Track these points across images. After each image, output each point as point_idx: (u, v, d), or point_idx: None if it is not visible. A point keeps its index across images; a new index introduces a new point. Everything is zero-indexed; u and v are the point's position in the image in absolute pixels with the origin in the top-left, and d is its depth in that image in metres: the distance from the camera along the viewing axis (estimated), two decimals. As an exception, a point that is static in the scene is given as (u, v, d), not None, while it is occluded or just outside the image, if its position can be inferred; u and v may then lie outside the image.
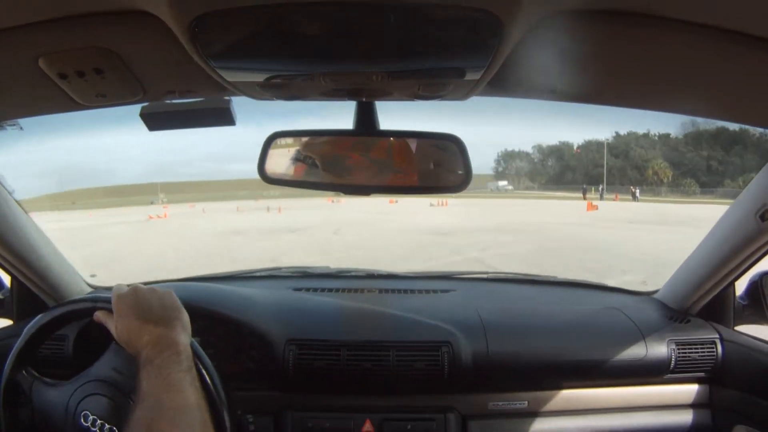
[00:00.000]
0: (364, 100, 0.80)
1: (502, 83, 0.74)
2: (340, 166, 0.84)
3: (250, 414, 1.06)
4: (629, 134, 55.07)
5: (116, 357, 0.99)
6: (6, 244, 1.25)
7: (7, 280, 1.44)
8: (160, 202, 48.86)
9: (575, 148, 60.00)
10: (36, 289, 1.39)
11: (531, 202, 30.05)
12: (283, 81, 0.72)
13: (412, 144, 0.83)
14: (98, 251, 10.69)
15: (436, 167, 0.85)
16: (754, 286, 1.36)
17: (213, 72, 0.68)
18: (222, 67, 0.67)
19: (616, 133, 54.93)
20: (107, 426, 0.91)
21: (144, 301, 0.83)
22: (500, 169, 67.40)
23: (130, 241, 13.13)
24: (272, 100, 0.79)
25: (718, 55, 0.64)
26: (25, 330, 0.96)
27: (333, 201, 28.78)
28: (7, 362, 0.96)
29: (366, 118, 0.81)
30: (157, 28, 0.59)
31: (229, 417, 0.91)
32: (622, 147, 54.15)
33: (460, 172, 0.81)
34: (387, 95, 0.77)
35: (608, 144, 54.09)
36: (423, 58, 0.66)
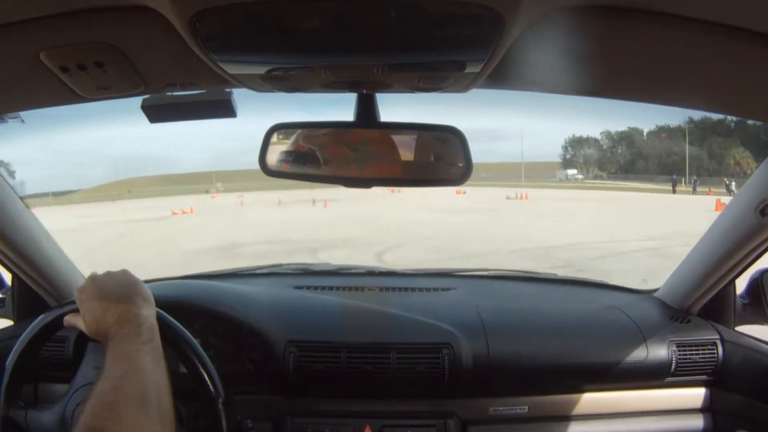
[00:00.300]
0: (364, 92, 0.80)
1: (503, 76, 0.75)
2: (341, 158, 0.85)
3: (249, 420, 1.06)
4: (704, 120, 48.58)
5: (94, 354, 0.99)
6: (8, 241, 1.25)
7: (8, 278, 1.44)
8: (215, 191, 49.40)
9: (660, 133, 55.29)
10: (37, 288, 1.39)
11: (612, 196, 25.09)
12: (284, 73, 0.72)
13: (413, 136, 0.83)
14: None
15: (436, 159, 0.85)
16: (755, 284, 1.35)
17: (214, 65, 0.68)
18: (223, 60, 0.67)
19: (690, 118, 49.02)
20: None
21: (102, 285, 0.83)
22: (568, 156, 64.16)
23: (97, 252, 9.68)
24: (273, 92, 0.79)
25: (718, 50, 0.64)
26: (7, 365, 0.96)
27: (394, 192, 23.56)
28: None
29: (366, 110, 0.81)
30: (157, 22, 0.60)
31: (225, 411, 0.91)
32: (697, 134, 49.77)
33: (460, 164, 0.81)
34: (387, 87, 0.77)
35: (683, 130, 49.23)
36: (423, 52, 0.66)
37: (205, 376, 0.92)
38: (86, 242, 10.99)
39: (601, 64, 0.73)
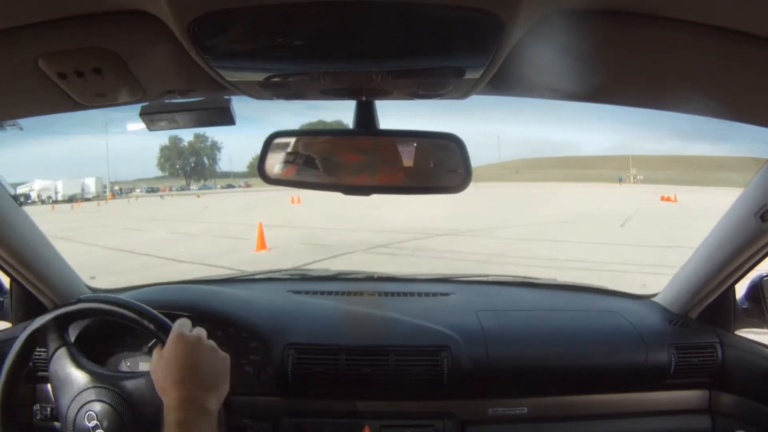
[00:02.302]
0: (363, 99, 0.80)
1: (503, 82, 0.75)
2: (340, 165, 0.84)
3: (248, 419, 1.06)
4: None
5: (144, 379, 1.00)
6: (6, 245, 1.24)
7: (6, 282, 1.44)
8: (631, 180, 42.12)
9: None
10: (35, 292, 1.38)
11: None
12: (283, 80, 0.72)
13: (412, 144, 0.83)
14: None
15: (436, 167, 0.85)
16: (755, 289, 1.35)
17: (213, 71, 0.68)
18: (222, 66, 0.67)
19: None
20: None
21: (199, 358, 0.85)
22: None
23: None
24: (271, 99, 0.79)
25: (720, 55, 0.64)
26: (4, 367, 0.99)
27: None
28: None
29: (366, 117, 0.81)
30: (156, 28, 0.59)
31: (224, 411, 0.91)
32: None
33: (460, 171, 0.81)
34: (387, 94, 0.77)
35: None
36: (423, 58, 0.66)
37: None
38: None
39: (601, 69, 0.72)
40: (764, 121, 0.78)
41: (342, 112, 0.88)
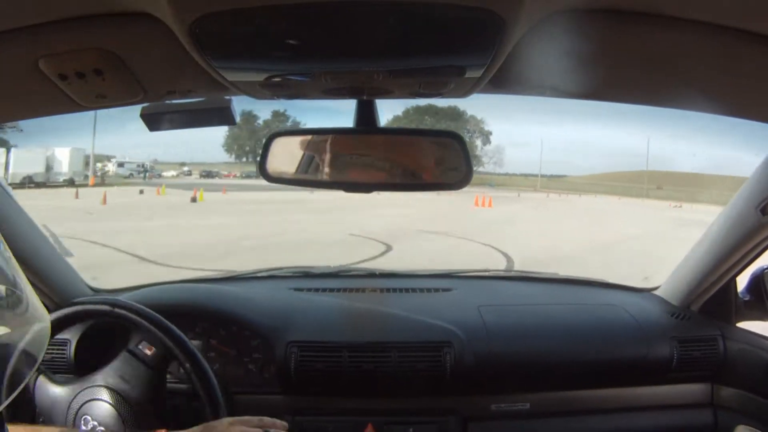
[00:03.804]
0: (364, 98, 0.80)
1: (504, 81, 0.75)
2: (341, 164, 0.85)
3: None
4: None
5: (126, 365, 1.00)
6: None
7: None
8: None
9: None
10: (37, 292, 1.38)
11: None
12: (284, 80, 0.72)
13: (413, 141, 0.83)
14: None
15: (437, 164, 0.85)
16: (756, 282, 1.36)
17: (214, 72, 0.68)
18: (223, 67, 0.67)
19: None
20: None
21: None
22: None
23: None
24: (272, 99, 0.79)
25: (721, 53, 0.64)
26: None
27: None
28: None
29: (367, 116, 0.81)
30: (157, 29, 0.59)
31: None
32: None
33: (461, 168, 0.81)
34: (388, 93, 0.77)
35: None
36: (424, 57, 0.66)
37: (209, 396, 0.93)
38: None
39: (603, 67, 0.72)
40: (764, 118, 0.78)
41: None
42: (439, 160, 0.85)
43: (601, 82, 0.77)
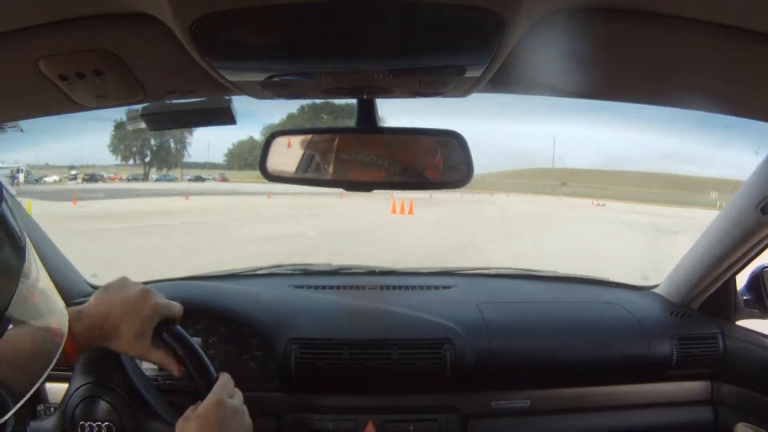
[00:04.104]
0: (365, 98, 0.80)
1: (504, 80, 0.75)
2: (342, 163, 0.85)
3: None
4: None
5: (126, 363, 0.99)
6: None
7: None
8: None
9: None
10: None
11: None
12: (284, 80, 0.72)
13: (413, 140, 0.84)
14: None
15: (437, 163, 0.85)
16: (755, 280, 1.36)
17: (214, 72, 0.68)
18: (223, 67, 0.67)
19: None
20: (105, 424, 0.91)
21: (234, 427, 0.85)
22: None
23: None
24: (273, 99, 0.79)
25: (721, 51, 0.64)
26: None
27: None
28: None
29: (367, 115, 0.82)
30: (157, 29, 0.59)
31: None
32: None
33: (461, 167, 0.82)
34: (388, 93, 0.77)
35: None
36: (424, 56, 0.66)
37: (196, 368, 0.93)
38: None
39: (603, 66, 0.72)
40: (765, 117, 0.78)
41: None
42: (439, 159, 0.85)
43: (602, 82, 0.77)
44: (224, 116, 0.84)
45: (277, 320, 1.34)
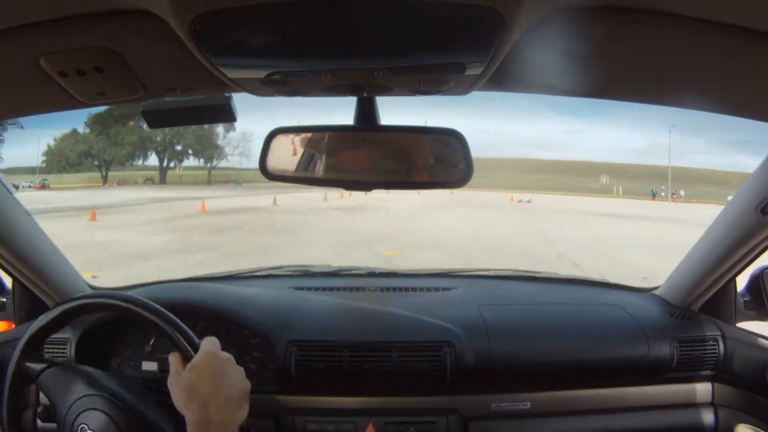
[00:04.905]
0: (365, 95, 0.80)
1: (504, 78, 0.75)
2: (342, 161, 0.85)
3: (251, 417, 1.06)
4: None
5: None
6: (7, 245, 1.24)
7: (8, 282, 1.44)
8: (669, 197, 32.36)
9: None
10: (37, 291, 1.38)
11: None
12: (285, 77, 0.72)
13: (413, 139, 0.83)
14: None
15: (437, 162, 0.85)
16: (755, 282, 1.36)
17: (214, 69, 0.68)
18: (223, 64, 0.67)
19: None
20: None
21: (229, 375, 0.83)
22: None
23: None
24: (273, 96, 0.79)
25: (722, 50, 0.64)
26: (9, 366, 0.97)
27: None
28: (17, 349, 0.96)
29: (367, 113, 0.82)
30: (157, 26, 0.59)
31: None
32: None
33: (461, 166, 0.82)
34: (388, 90, 0.77)
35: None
36: (424, 54, 0.66)
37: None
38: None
39: (604, 65, 0.72)
40: (764, 117, 0.78)
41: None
42: (439, 158, 0.85)
43: (602, 80, 0.77)
44: (224, 113, 0.84)
45: (276, 322, 1.33)
